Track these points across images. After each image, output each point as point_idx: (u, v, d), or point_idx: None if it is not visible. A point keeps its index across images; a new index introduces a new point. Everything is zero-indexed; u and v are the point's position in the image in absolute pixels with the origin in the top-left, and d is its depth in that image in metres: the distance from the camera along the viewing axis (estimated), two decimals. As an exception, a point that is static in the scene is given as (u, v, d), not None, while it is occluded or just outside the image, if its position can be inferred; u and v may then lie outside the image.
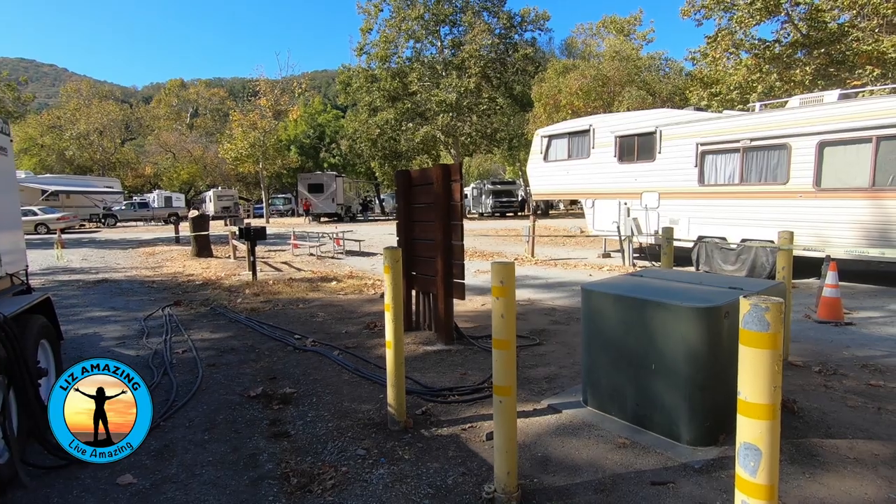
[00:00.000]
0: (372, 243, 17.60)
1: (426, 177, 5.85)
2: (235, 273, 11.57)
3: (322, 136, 45.16)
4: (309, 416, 3.88)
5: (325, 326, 6.67)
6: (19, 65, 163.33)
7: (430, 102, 30.90)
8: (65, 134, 47.77)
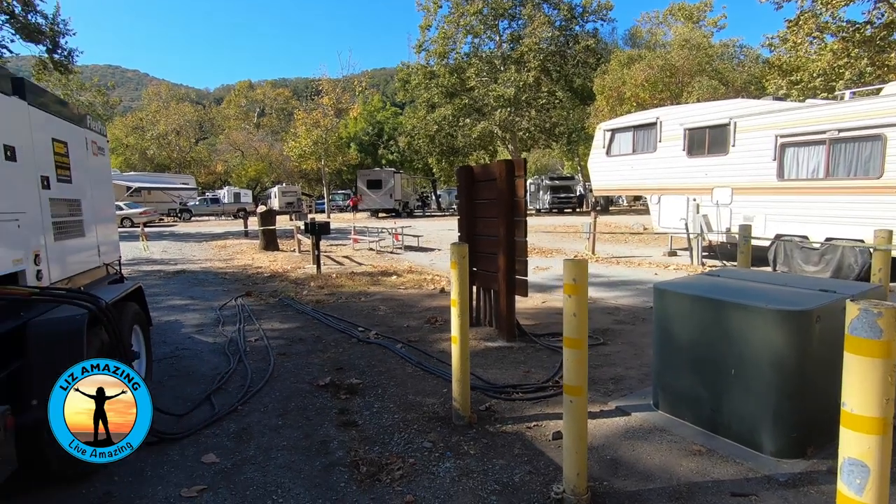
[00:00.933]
0: (430, 239, 17.77)
1: (489, 172, 5.83)
2: (300, 266, 12.03)
3: (381, 132, 46.02)
4: (375, 406, 3.98)
5: (387, 320, 6.81)
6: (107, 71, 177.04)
7: (488, 97, 30.74)
8: (146, 134, 51.36)
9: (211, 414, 3.84)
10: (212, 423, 3.69)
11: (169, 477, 3.01)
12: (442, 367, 4.75)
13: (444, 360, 4.98)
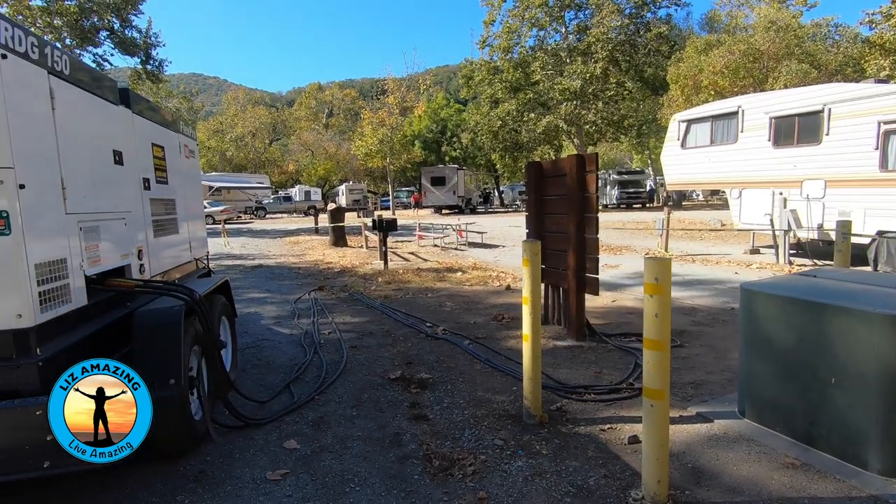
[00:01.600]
0: (494, 235, 17.69)
1: (558, 168, 5.71)
2: (368, 262, 12.36)
3: (444, 130, 46.34)
4: (445, 402, 4.02)
5: (454, 316, 6.85)
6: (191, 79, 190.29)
7: (553, 91, 30.12)
8: (225, 137, 54.72)
9: (290, 402, 4.04)
10: (291, 411, 3.88)
11: (255, 460, 3.19)
12: (511, 365, 4.72)
13: (512, 357, 4.94)
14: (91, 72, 3.23)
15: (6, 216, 2.28)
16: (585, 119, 30.48)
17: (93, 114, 3.13)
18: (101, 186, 3.15)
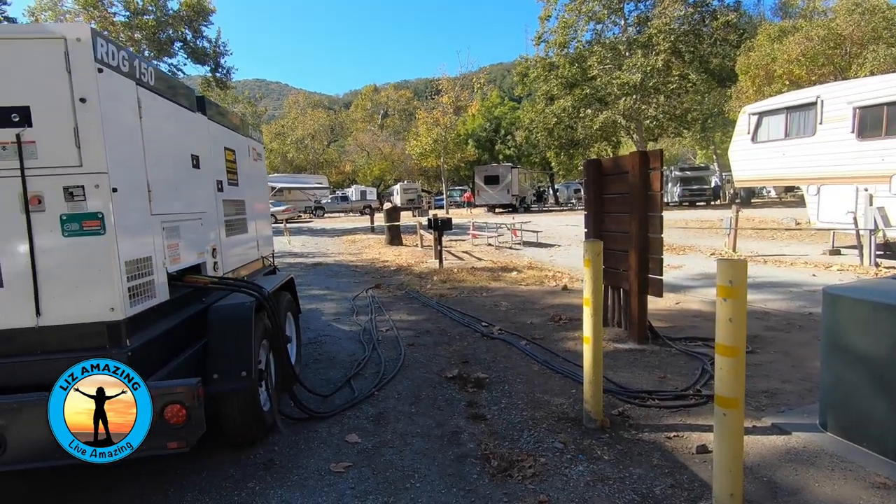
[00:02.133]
0: (549, 235, 17.42)
1: (620, 165, 5.53)
2: (423, 261, 12.50)
3: (498, 128, 46.08)
4: (503, 402, 4.00)
5: (510, 316, 6.81)
6: (255, 84, 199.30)
7: (611, 86, 29.24)
8: (286, 139, 56.94)
9: (351, 397, 4.15)
10: (352, 406, 3.99)
11: (319, 451, 3.31)
12: (569, 367, 4.63)
13: (570, 359, 4.85)
14: (172, 81, 3.45)
15: (101, 217, 2.47)
16: (645, 114, 29.39)
17: (174, 121, 3.35)
18: (181, 189, 3.36)
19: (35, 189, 2.42)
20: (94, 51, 2.43)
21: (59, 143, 2.42)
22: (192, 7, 23.69)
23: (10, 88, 2.37)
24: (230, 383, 3.04)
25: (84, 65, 2.41)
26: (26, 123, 2.39)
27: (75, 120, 2.42)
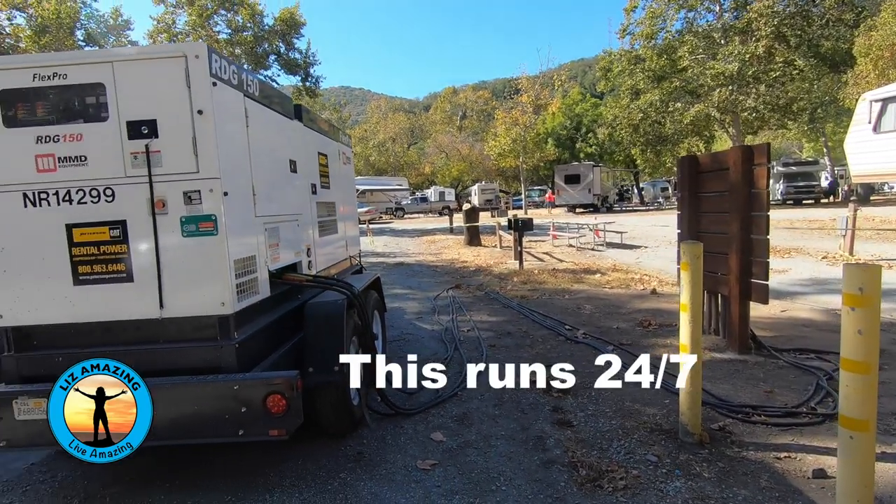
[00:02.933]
0: (634, 235, 16.65)
1: (719, 161, 5.16)
2: (502, 261, 12.43)
3: (579, 126, 44.83)
4: (589, 409, 3.86)
5: (594, 320, 6.58)
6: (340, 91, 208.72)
7: (704, 77, 27.35)
8: (369, 143, 59.09)
9: (435, 396, 4.20)
10: (436, 405, 4.04)
11: (406, 448, 3.38)
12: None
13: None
14: (272, 91, 3.68)
15: (214, 219, 2.69)
16: (743, 105, 27.17)
17: (275, 128, 3.57)
18: (281, 192, 3.58)
19: (160, 194, 2.68)
20: (209, 66, 2.65)
21: (179, 151, 2.66)
22: (285, 21, 25.27)
23: (141, 104, 2.65)
24: (324, 376, 3.19)
25: (201, 79, 2.63)
26: (153, 135, 2.65)
27: (194, 130, 2.65)
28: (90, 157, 2.67)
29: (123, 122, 2.64)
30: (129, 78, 2.63)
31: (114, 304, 2.74)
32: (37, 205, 2.69)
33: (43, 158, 2.67)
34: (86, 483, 3.16)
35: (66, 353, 2.78)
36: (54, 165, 2.67)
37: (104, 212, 2.69)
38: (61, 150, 2.67)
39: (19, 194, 2.69)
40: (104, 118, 2.65)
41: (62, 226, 2.70)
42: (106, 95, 2.64)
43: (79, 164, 2.67)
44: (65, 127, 2.66)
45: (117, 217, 2.69)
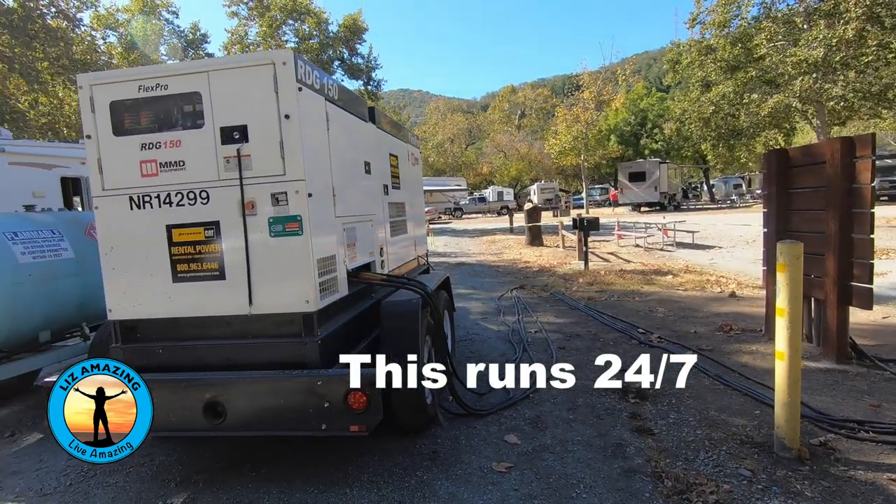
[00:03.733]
0: (706, 235, 15.80)
1: (813, 154, 4.78)
2: (566, 262, 12.16)
3: (644, 121, 43.15)
4: (670, 417, 3.68)
5: (668, 323, 6.28)
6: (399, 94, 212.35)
7: (785, 65, 25.50)
8: (428, 144, 59.72)
9: (506, 397, 4.15)
10: (508, 406, 3.99)
11: (480, 449, 3.36)
12: (748, 384, 4.12)
13: (747, 375, 4.32)
14: (350, 95, 3.77)
15: (300, 219, 2.79)
16: (829, 94, 25.09)
17: (351, 131, 3.66)
18: (357, 193, 3.66)
19: (250, 196, 2.80)
20: (295, 72, 2.74)
21: (267, 155, 2.78)
22: (348, 27, 26.02)
23: (233, 110, 2.78)
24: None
25: (288, 85, 2.73)
26: (244, 139, 2.78)
27: (281, 134, 2.75)
28: (188, 161, 2.84)
29: (217, 128, 2.79)
30: (222, 86, 2.77)
31: (207, 300, 2.90)
32: (141, 207, 2.90)
33: (146, 164, 2.87)
34: (181, 468, 3.37)
35: (165, 346, 2.98)
36: (156, 170, 2.87)
37: (200, 213, 2.85)
38: (162, 155, 2.85)
39: (126, 198, 2.90)
40: (200, 125, 2.81)
41: (163, 226, 2.89)
42: (202, 103, 2.79)
43: (178, 169, 2.85)
44: (165, 134, 2.85)
45: (211, 218, 2.85)
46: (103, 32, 25.25)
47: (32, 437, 4.06)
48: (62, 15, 18.11)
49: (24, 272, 3.97)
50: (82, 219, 4.81)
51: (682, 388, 4.10)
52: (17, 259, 3.96)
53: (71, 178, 11.52)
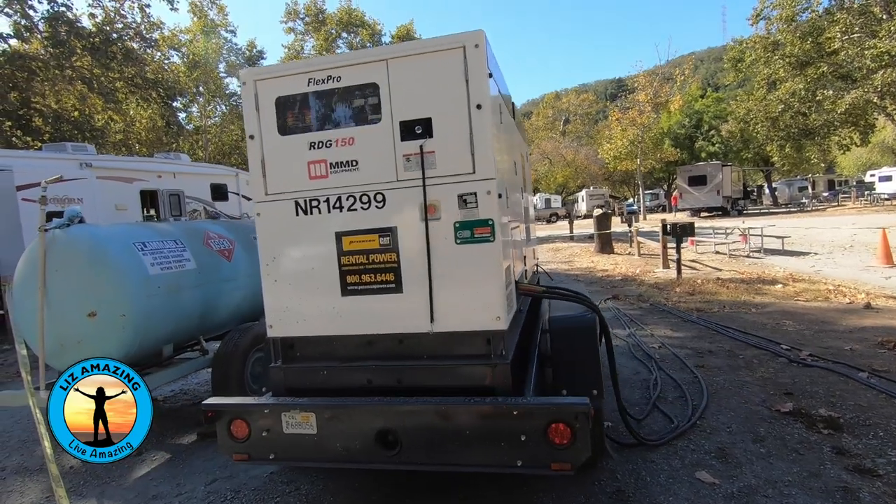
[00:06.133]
0: (794, 240, 14.70)
1: None
2: (648, 270, 11.48)
3: (699, 123, 41.54)
4: (891, 454, 3.11)
5: (807, 338, 5.63)
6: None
7: (863, 58, 23.88)
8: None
9: (670, 425, 3.67)
10: (678, 436, 3.51)
11: (673, 489, 2.89)
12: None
13: (957, 403, 3.67)
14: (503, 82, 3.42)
15: (492, 224, 2.43)
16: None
17: (508, 126, 3.30)
18: (514, 195, 3.30)
19: (433, 198, 2.47)
20: (486, 56, 2.41)
21: (455, 151, 2.44)
22: (401, 37, 26.19)
23: (416, 102, 2.47)
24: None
25: (479, 71, 2.40)
26: (428, 134, 2.46)
27: (471, 127, 2.41)
28: (361, 161, 2.54)
29: (396, 123, 2.48)
30: (402, 75, 2.47)
31: (380, 316, 2.58)
32: (308, 213, 2.62)
33: (315, 165, 2.59)
34: (331, 498, 3.06)
35: (329, 367, 2.68)
36: (326, 172, 2.58)
37: (374, 218, 2.55)
38: (333, 155, 2.57)
39: (292, 203, 2.63)
40: (376, 120, 2.51)
41: (332, 234, 2.59)
42: (379, 96, 2.50)
43: (350, 170, 2.56)
44: (337, 132, 2.56)
45: (387, 224, 2.54)
46: (166, 53, 26.31)
47: (160, 456, 3.88)
48: (139, 37, 18.87)
49: (154, 284, 3.81)
50: (200, 228, 4.66)
51: (880, 415, 3.53)
52: (148, 271, 3.80)
53: (149, 190, 11.83)
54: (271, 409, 2.59)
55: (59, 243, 3.62)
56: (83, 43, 15.73)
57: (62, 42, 15.29)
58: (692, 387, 4.41)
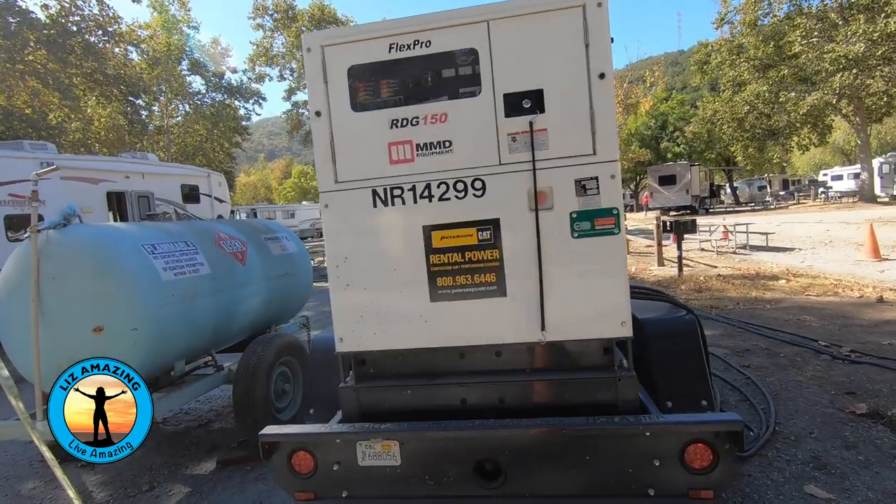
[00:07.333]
0: (772, 237, 15.01)
1: None
2: (644, 268, 11.41)
3: (664, 125, 42.62)
4: None
5: (836, 333, 5.54)
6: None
7: (822, 62, 24.88)
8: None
9: (749, 434, 3.41)
10: (764, 445, 3.25)
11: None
12: None
13: None
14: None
15: (616, 214, 2.09)
16: (870, 90, 24.44)
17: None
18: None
19: (544, 184, 2.10)
20: (608, 17, 2.06)
21: (572, 129, 2.08)
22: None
23: (523, 71, 2.09)
24: (693, 415, 2.50)
25: (601, 34, 2.05)
26: (538, 109, 2.09)
27: (591, 100, 2.06)
28: (456, 141, 2.15)
29: (500, 96, 2.10)
30: (507, 39, 2.09)
31: (479, 325, 2.19)
32: (388, 203, 2.20)
33: (398, 146, 2.18)
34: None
35: (414, 385, 2.27)
36: (411, 154, 2.17)
37: (471, 209, 2.15)
38: (420, 134, 2.16)
39: (368, 191, 2.21)
40: (475, 93, 2.13)
41: (419, 228, 2.19)
42: (479, 64, 2.11)
43: (442, 152, 2.16)
44: (425, 106, 2.16)
45: (488, 216, 2.15)
46: (124, 49, 24.91)
47: (177, 490, 3.35)
48: (102, 30, 17.63)
49: (168, 293, 3.28)
50: (210, 228, 4.13)
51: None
52: (161, 276, 3.27)
53: (116, 192, 10.97)
54: (344, 439, 2.17)
55: (55, 246, 3.06)
56: (37, 35, 14.54)
57: (13, 34, 14.09)
58: (747, 388, 4.19)
